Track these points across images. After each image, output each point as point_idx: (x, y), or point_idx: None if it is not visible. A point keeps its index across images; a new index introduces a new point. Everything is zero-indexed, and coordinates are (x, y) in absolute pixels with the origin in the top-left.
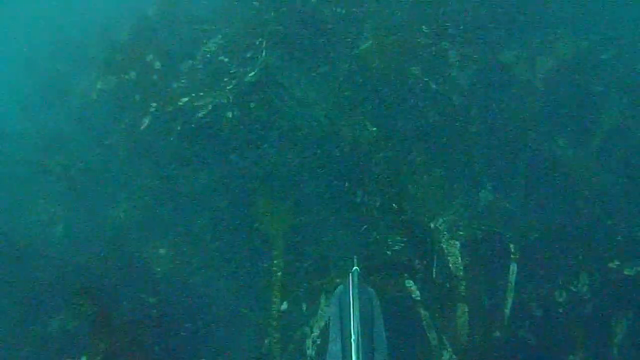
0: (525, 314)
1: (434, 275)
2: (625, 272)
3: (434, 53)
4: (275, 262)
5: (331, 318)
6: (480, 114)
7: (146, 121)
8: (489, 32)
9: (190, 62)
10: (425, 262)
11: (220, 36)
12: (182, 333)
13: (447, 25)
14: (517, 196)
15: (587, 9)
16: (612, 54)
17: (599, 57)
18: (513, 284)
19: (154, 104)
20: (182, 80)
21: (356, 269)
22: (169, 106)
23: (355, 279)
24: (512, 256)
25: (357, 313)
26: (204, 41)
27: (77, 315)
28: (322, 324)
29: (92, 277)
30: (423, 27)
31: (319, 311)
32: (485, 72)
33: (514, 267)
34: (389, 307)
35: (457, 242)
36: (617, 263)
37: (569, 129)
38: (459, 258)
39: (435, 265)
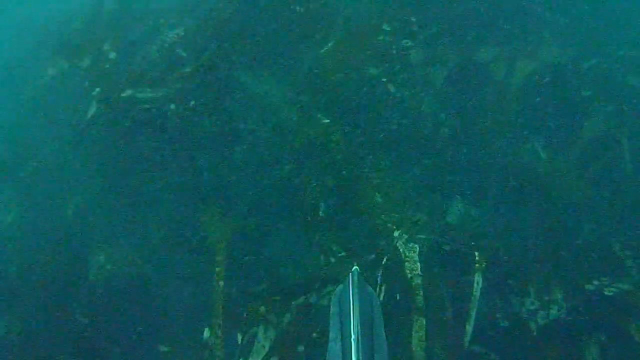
0: (489, 330)
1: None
2: (605, 293)
3: (395, 52)
4: (217, 269)
5: (331, 318)
6: (450, 118)
7: (91, 111)
8: (463, 31)
9: (146, 53)
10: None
11: (180, 29)
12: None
13: (412, 22)
14: (488, 205)
15: (574, 14)
16: (596, 62)
17: (582, 64)
18: (477, 296)
19: (101, 94)
20: (135, 72)
21: (356, 268)
22: (117, 98)
23: (355, 278)
24: (476, 266)
25: (357, 313)
26: (163, 33)
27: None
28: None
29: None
30: (384, 25)
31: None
32: (457, 72)
33: (478, 279)
34: None
35: (416, 246)
36: (596, 283)
37: (547, 136)
38: (417, 264)
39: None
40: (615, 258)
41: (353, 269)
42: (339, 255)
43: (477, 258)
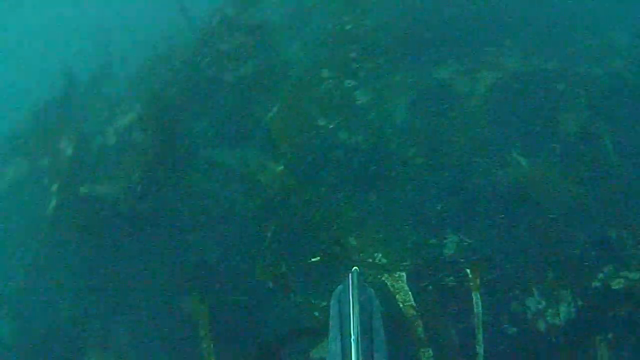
0: (500, 344)
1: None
2: (613, 287)
3: (339, 97)
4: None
5: (331, 318)
6: (421, 148)
7: (52, 206)
8: (414, 54)
9: (102, 143)
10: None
11: (133, 114)
12: None
13: (352, 58)
14: (479, 227)
15: (533, 18)
16: (560, 60)
17: (546, 65)
18: (480, 315)
19: (61, 191)
20: (92, 165)
21: (356, 269)
22: (76, 194)
23: (355, 278)
24: (471, 284)
25: (357, 313)
26: (117, 121)
27: None
28: None
29: None
30: (324, 71)
31: None
32: (416, 98)
33: (477, 297)
34: None
35: (403, 275)
36: (601, 276)
37: (525, 143)
38: (409, 294)
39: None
40: (614, 246)
41: (353, 270)
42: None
43: (470, 276)
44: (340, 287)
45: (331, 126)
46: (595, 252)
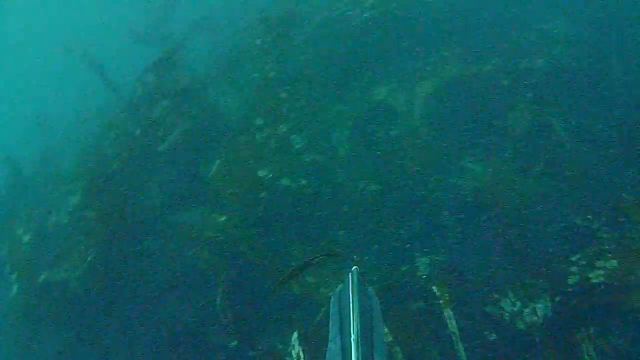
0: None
1: None
2: (593, 281)
3: (275, 144)
4: None
5: (331, 317)
6: (372, 177)
7: (12, 294)
8: (351, 80)
9: (57, 225)
10: None
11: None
12: None
13: (283, 100)
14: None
15: (473, 23)
16: (503, 60)
17: (484, 67)
18: (456, 331)
19: (20, 279)
20: (47, 249)
21: (356, 268)
22: (34, 282)
23: (355, 278)
24: (441, 302)
25: (356, 312)
26: (68, 199)
27: None
28: None
29: None
30: (257, 119)
31: None
32: (358, 127)
33: (449, 313)
34: None
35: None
36: (577, 270)
37: (476, 150)
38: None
39: None
40: (581, 231)
41: (353, 269)
42: None
43: (437, 293)
44: (340, 286)
45: (271, 175)
46: (564, 243)
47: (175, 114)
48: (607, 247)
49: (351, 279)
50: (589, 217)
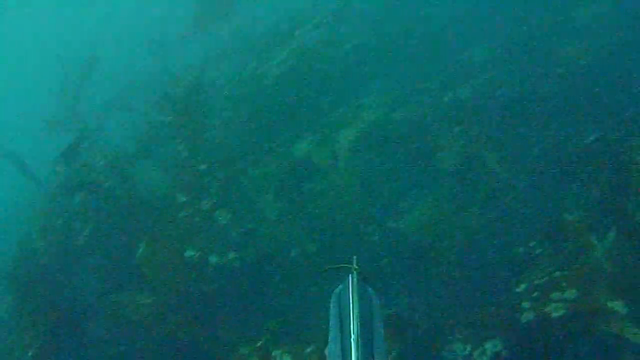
0: None
1: None
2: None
3: (200, 221)
4: None
5: (331, 318)
6: (309, 235)
7: None
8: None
9: None
10: None
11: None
12: None
13: (202, 171)
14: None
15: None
16: (427, 97)
17: (412, 107)
18: None
19: None
20: None
21: (356, 268)
22: None
23: (355, 278)
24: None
25: (357, 312)
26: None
27: None
28: None
29: None
30: (179, 196)
31: None
32: (283, 188)
33: None
34: None
35: None
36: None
37: (409, 194)
38: None
39: None
40: (527, 260)
41: (353, 269)
42: None
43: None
44: (340, 286)
45: (198, 254)
46: (511, 275)
47: (95, 198)
48: (558, 274)
49: (351, 279)
50: (532, 244)
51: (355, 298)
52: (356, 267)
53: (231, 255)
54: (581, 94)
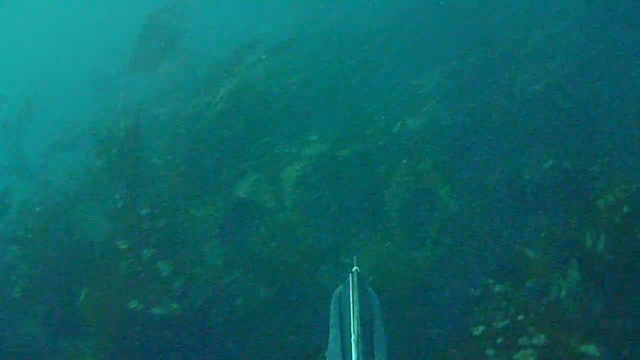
0: None
1: None
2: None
3: (143, 273)
4: None
5: (331, 318)
6: (246, 288)
7: None
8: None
9: None
10: None
11: None
12: None
13: (143, 217)
14: None
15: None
16: (374, 130)
17: (353, 141)
18: None
19: None
20: None
21: (356, 268)
22: None
23: (355, 278)
24: None
25: (357, 313)
26: None
27: None
28: None
29: None
30: (120, 242)
31: None
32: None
33: None
34: None
35: None
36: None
37: (352, 238)
38: None
39: None
40: (487, 298)
41: (353, 270)
42: None
43: None
44: (340, 287)
45: (141, 307)
46: (466, 314)
47: (31, 248)
48: (522, 317)
49: (351, 279)
50: (489, 282)
51: (356, 298)
52: (356, 267)
53: (174, 305)
54: (536, 120)
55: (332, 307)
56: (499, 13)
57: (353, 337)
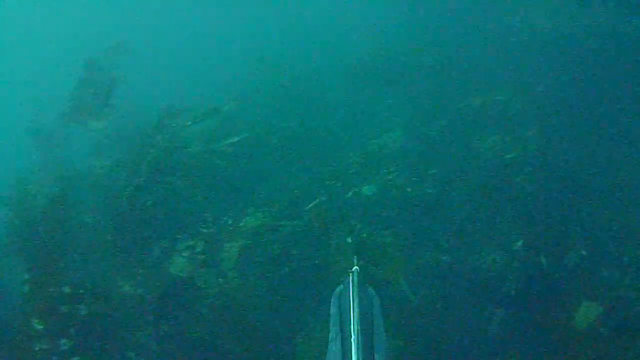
0: None
1: None
2: None
3: None
4: None
5: (331, 318)
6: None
7: None
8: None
9: None
10: None
11: None
12: None
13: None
14: None
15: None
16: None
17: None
18: None
19: None
20: None
21: (356, 268)
22: None
23: (355, 278)
24: None
25: (357, 312)
26: None
27: None
28: None
29: None
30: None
31: None
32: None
33: None
34: None
35: None
36: None
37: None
38: None
39: None
40: None
41: (353, 269)
42: None
43: None
44: (340, 287)
45: None
46: None
47: None
48: None
49: (351, 279)
50: None
51: (356, 298)
52: (357, 267)
53: None
54: (503, 195)
55: (332, 306)
56: (475, 72)
57: (353, 336)
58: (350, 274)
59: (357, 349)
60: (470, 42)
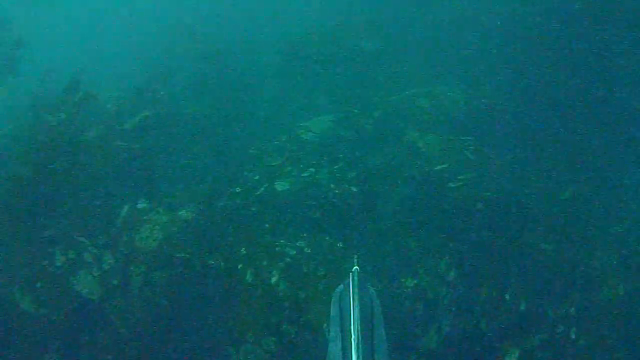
0: None
1: None
2: None
3: None
4: None
5: (331, 318)
6: None
7: None
8: None
9: None
10: None
11: None
12: None
13: None
14: None
15: None
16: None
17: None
18: None
19: None
20: None
21: (356, 268)
22: None
23: (356, 278)
24: None
25: (357, 313)
26: None
27: None
28: None
29: None
30: None
31: None
32: None
33: None
34: None
35: None
36: None
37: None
38: None
39: None
40: None
41: (353, 269)
42: None
43: None
44: (340, 287)
45: None
46: None
47: None
48: None
49: (351, 279)
50: None
51: (356, 298)
52: (357, 267)
53: None
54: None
55: (332, 306)
56: (419, 61)
57: (353, 336)
58: (351, 274)
59: (357, 348)
60: (417, 28)
